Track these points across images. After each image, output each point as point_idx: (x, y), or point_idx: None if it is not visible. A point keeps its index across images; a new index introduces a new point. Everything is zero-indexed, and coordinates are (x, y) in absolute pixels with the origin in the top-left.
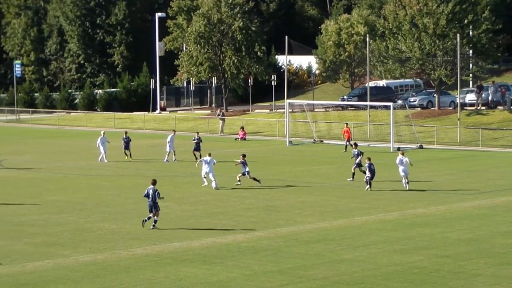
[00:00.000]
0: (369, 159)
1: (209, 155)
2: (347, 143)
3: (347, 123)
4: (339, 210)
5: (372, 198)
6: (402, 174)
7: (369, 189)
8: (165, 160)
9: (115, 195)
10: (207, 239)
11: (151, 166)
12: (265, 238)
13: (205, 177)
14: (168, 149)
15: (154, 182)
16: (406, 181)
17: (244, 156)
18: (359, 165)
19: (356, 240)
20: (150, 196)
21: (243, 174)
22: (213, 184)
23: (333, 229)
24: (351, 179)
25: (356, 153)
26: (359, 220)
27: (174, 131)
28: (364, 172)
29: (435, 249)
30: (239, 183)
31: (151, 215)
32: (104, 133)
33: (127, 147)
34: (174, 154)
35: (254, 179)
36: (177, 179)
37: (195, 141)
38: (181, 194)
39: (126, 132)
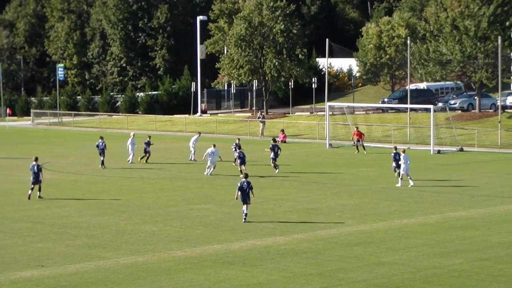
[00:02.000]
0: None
1: (214, 146)
2: (358, 143)
3: (357, 127)
4: (379, 213)
5: (412, 201)
6: (403, 172)
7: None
8: (191, 159)
9: (156, 198)
10: (247, 241)
11: (192, 169)
12: (305, 241)
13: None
14: (192, 149)
15: (246, 176)
16: (410, 178)
17: (274, 140)
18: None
19: (396, 243)
20: (245, 188)
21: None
22: (206, 171)
23: (373, 232)
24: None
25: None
26: (399, 223)
27: (200, 133)
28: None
29: (475, 252)
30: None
31: (244, 208)
32: (134, 134)
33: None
34: (194, 154)
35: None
36: (218, 181)
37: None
38: (221, 197)
39: (150, 136)
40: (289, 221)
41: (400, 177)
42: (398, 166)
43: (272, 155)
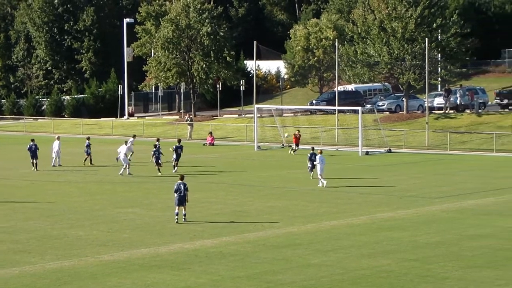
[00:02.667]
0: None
1: (126, 143)
2: (296, 147)
3: (298, 130)
4: (308, 214)
5: (341, 202)
6: (320, 172)
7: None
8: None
9: (83, 201)
10: (174, 245)
11: (119, 173)
12: (233, 244)
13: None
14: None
15: (182, 177)
16: (323, 178)
17: (179, 141)
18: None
19: (324, 244)
20: (181, 190)
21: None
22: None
23: (301, 233)
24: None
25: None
26: (327, 225)
27: (135, 135)
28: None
29: (403, 253)
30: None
31: (178, 210)
32: (59, 137)
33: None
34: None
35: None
36: (146, 185)
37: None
38: (149, 200)
39: (88, 138)
40: (217, 223)
41: (320, 177)
42: (314, 166)
43: (174, 156)
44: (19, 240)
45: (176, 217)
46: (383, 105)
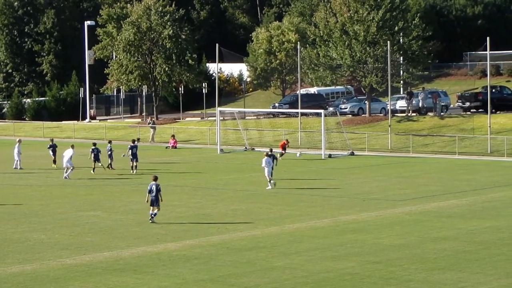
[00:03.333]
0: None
1: (72, 147)
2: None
3: (287, 139)
4: (271, 217)
5: (304, 205)
6: (267, 175)
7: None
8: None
9: (45, 205)
10: (137, 248)
11: (81, 175)
12: (197, 247)
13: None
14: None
15: (155, 178)
16: (273, 181)
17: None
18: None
19: (288, 247)
20: (153, 191)
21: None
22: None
23: (264, 236)
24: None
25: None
26: (291, 228)
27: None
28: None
29: (367, 255)
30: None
31: (152, 210)
32: (20, 141)
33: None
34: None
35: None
36: (108, 188)
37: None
38: (111, 203)
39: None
40: (180, 227)
41: (268, 179)
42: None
43: (130, 156)
44: None
45: (151, 217)
46: (346, 108)
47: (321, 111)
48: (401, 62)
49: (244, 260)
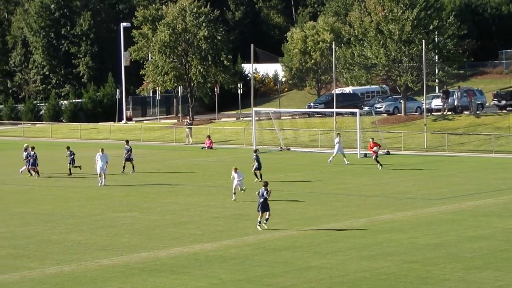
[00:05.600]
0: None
1: (102, 150)
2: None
3: (372, 138)
4: (307, 217)
5: (340, 205)
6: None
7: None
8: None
9: (81, 206)
10: (174, 248)
11: (117, 177)
12: (233, 247)
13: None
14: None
15: (266, 184)
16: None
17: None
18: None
19: (324, 247)
20: (262, 195)
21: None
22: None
23: (300, 236)
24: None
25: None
26: (326, 227)
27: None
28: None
29: (403, 255)
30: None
31: (260, 217)
32: (27, 145)
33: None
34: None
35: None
36: (144, 189)
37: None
38: (148, 204)
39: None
40: (216, 227)
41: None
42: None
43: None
44: (19, 245)
45: (258, 223)
46: (381, 107)
47: (356, 110)
48: (436, 60)
49: (280, 260)
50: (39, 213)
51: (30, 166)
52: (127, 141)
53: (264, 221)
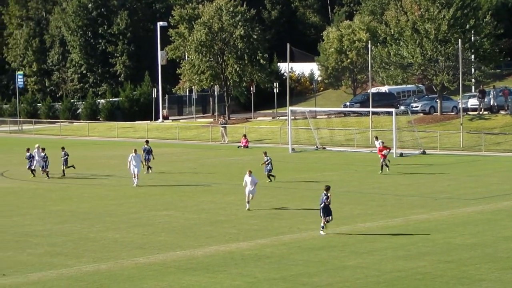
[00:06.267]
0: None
1: (135, 151)
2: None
3: (383, 142)
4: (342, 216)
5: (375, 204)
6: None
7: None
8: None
9: (118, 204)
10: (210, 247)
11: (153, 175)
12: (268, 246)
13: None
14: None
15: (327, 188)
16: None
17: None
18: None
19: (359, 246)
20: (322, 200)
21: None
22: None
23: (336, 235)
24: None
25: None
26: (362, 227)
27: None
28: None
29: (439, 255)
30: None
31: (323, 222)
32: (39, 146)
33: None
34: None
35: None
36: (180, 188)
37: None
38: (184, 203)
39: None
40: (252, 226)
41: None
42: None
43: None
44: (56, 243)
45: (322, 229)
46: (417, 107)
47: (392, 110)
48: (473, 60)
49: (316, 259)
50: (76, 211)
51: (41, 168)
52: (147, 141)
53: (322, 226)
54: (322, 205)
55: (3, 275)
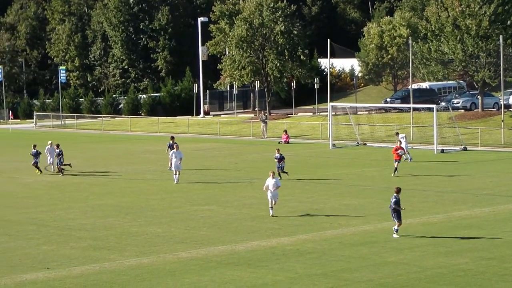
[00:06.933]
0: (278, 150)
1: (177, 147)
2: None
3: (400, 141)
4: (383, 212)
5: (416, 200)
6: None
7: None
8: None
9: (160, 199)
10: (251, 242)
11: (195, 170)
12: (310, 241)
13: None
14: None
15: (398, 190)
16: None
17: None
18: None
19: (401, 242)
20: (392, 204)
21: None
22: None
23: (377, 231)
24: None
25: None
26: (403, 223)
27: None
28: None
29: (481, 251)
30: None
31: (396, 225)
32: (51, 142)
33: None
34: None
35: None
36: (221, 183)
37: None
38: (225, 198)
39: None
40: (293, 221)
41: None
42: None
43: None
44: (99, 237)
45: (395, 232)
46: (458, 103)
47: (433, 106)
48: None
49: (357, 255)
50: (119, 206)
51: (57, 164)
52: (172, 137)
53: (396, 229)
54: (391, 208)
55: (47, 269)
